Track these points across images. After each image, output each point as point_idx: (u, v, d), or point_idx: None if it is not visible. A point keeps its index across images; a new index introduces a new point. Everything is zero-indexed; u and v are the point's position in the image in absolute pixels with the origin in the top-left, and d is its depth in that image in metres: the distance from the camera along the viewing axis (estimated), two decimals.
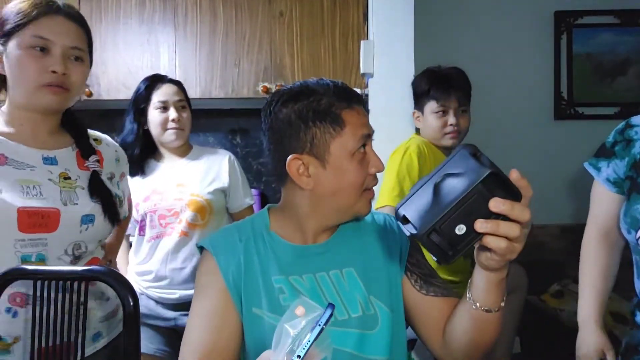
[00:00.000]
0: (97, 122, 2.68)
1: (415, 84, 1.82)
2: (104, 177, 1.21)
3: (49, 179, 1.10)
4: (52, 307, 1.02)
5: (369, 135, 0.91)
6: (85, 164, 1.18)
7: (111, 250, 1.43)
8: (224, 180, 1.76)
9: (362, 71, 2.04)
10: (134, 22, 2.30)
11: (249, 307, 0.90)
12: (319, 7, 2.27)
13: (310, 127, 0.88)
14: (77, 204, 1.12)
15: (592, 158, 1.26)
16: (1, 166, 1.06)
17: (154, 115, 1.71)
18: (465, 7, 2.75)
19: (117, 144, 1.34)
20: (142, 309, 1.66)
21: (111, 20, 2.30)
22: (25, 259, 1.05)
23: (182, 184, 1.72)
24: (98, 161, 1.20)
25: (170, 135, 1.71)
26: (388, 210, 1.63)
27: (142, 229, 1.73)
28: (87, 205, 1.14)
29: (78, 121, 1.23)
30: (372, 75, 2.01)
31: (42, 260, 1.07)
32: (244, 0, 2.27)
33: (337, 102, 0.88)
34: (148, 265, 1.71)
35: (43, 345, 1.03)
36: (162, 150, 1.77)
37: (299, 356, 0.62)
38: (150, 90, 1.72)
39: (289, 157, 0.88)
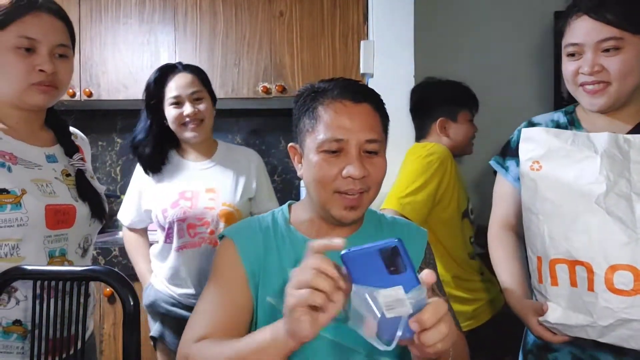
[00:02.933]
0: (97, 122, 2.68)
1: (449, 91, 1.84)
2: (88, 175, 1.22)
3: (55, 177, 1.13)
4: (52, 306, 1.02)
5: (338, 140, 0.88)
6: (70, 163, 1.18)
7: None
8: (253, 188, 1.74)
9: (362, 71, 2.04)
10: (134, 22, 2.30)
11: (264, 295, 0.92)
12: (319, 7, 2.27)
13: (300, 119, 0.95)
14: None
15: (498, 156, 1.26)
16: (14, 166, 1.06)
17: (169, 112, 1.62)
18: (465, 6, 2.75)
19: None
20: (172, 311, 1.67)
21: (111, 20, 2.30)
22: (51, 254, 1.09)
23: (212, 189, 1.65)
24: (82, 159, 1.21)
25: (188, 132, 1.62)
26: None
27: (168, 236, 1.65)
28: None
29: (60, 118, 1.22)
30: (372, 76, 2.01)
31: (63, 254, 1.11)
32: (244, 0, 2.27)
33: (327, 99, 0.91)
34: (184, 281, 1.64)
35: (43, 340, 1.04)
36: (185, 146, 1.70)
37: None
38: (161, 85, 1.62)
39: (289, 145, 0.99)
